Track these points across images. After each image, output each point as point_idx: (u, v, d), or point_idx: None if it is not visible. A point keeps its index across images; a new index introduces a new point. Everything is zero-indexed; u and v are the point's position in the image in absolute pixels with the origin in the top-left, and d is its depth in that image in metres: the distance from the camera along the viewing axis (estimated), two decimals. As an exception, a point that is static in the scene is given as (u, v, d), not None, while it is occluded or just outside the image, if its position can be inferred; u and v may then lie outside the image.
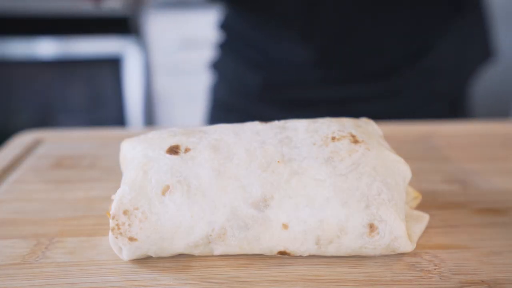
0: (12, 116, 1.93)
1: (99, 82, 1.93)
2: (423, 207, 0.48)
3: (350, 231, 0.39)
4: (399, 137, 0.68)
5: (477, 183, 0.55)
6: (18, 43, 1.84)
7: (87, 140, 0.69)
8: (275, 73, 0.88)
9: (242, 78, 0.91)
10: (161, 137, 0.45)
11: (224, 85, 0.96)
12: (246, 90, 0.91)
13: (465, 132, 0.71)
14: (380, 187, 0.40)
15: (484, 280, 0.38)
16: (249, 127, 0.46)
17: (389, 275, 0.39)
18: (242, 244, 0.40)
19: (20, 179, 0.57)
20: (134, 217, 0.39)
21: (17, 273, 0.39)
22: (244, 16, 0.90)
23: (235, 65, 0.93)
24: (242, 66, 0.91)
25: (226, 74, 0.95)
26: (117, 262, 0.41)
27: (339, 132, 0.43)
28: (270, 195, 0.39)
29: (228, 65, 0.94)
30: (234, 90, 0.94)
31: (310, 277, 0.39)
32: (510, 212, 0.49)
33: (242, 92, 0.92)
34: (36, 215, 0.49)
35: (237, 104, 0.92)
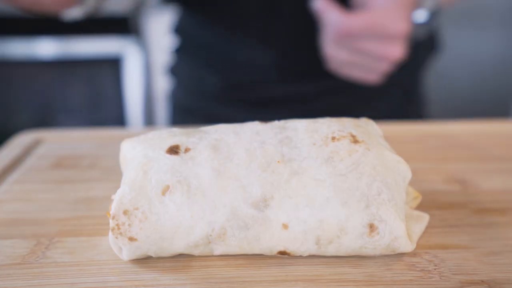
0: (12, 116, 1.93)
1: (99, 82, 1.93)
2: (423, 207, 0.48)
3: (350, 231, 0.39)
4: (399, 137, 0.68)
5: (477, 183, 0.55)
6: (18, 43, 1.84)
7: (87, 140, 0.69)
8: (231, 73, 0.89)
9: (199, 80, 0.92)
10: (161, 137, 0.45)
11: (181, 89, 0.98)
12: (203, 92, 0.92)
13: (465, 132, 0.71)
14: (380, 187, 0.40)
15: (484, 280, 0.38)
16: (249, 127, 0.46)
17: (389, 275, 0.39)
18: (242, 244, 0.40)
19: (20, 179, 0.57)
20: (134, 217, 0.39)
21: (17, 273, 0.39)
22: (199, 18, 0.91)
23: (190, 68, 0.94)
24: (198, 68, 0.92)
25: (183, 77, 0.97)
26: (117, 262, 0.41)
27: (339, 132, 0.43)
28: (270, 195, 0.39)
29: (184, 69, 0.96)
30: (191, 93, 0.95)
31: (310, 277, 0.39)
32: (510, 212, 0.49)
33: (199, 94, 0.93)
34: (36, 215, 0.49)
35: (196, 106, 0.94)
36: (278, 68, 0.86)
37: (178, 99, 0.99)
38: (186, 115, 0.97)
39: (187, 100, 0.97)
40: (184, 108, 0.97)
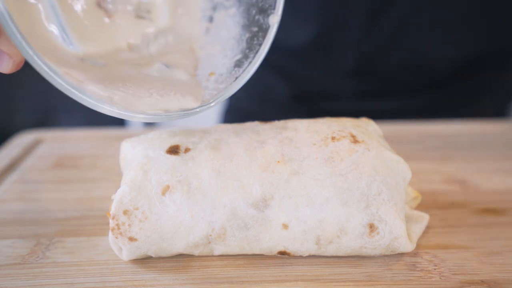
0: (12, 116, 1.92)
1: (99, 82, 1.92)
2: (423, 207, 0.48)
3: (350, 231, 0.39)
4: (399, 137, 0.68)
5: (477, 183, 0.55)
6: (18, 43, 1.83)
7: (87, 140, 0.69)
8: (303, 83, 0.84)
9: (266, 86, 0.87)
10: (161, 137, 0.45)
11: (244, 92, 0.93)
12: (269, 98, 0.87)
13: (465, 132, 0.71)
14: (380, 187, 0.40)
15: (484, 280, 0.38)
16: (249, 127, 0.46)
17: (389, 275, 0.39)
18: (242, 244, 0.40)
19: (20, 179, 0.57)
20: (134, 217, 0.39)
21: (17, 273, 0.39)
22: None
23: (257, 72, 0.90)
24: (268, 74, 0.86)
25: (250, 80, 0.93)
26: (117, 262, 0.41)
27: (339, 132, 0.43)
28: (270, 195, 0.39)
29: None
30: (254, 97, 0.89)
31: (310, 277, 0.39)
32: (510, 212, 0.49)
33: (264, 99, 0.88)
34: (36, 215, 0.49)
35: (255, 110, 0.88)
36: (358, 78, 0.81)
37: (237, 100, 0.93)
38: (242, 117, 0.92)
39: (248, 103, 0.90)
40: (242, 110, 0.92)
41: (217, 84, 0.43)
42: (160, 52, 0.42)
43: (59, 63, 0.35)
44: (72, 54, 0.38)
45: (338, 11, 0.75)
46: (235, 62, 0.43)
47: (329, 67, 0.81)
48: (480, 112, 0.83)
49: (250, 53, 0.42)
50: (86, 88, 0.37)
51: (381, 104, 0.82)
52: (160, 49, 0.42)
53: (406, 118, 0.78)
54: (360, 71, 0.79)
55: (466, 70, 0.80)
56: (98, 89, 0.37)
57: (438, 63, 0.78)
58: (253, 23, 0.42)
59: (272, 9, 0.41)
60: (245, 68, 0.42)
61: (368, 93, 0.82)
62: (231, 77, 0.42)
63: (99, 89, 0.38)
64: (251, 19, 0.42)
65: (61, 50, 0.37)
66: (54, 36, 0.37)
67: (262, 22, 0.41)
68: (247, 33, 0.42)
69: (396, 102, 0.82)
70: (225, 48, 0.43)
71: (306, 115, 0.64)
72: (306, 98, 0.85)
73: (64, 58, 0.37)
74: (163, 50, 0.42)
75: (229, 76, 0.42)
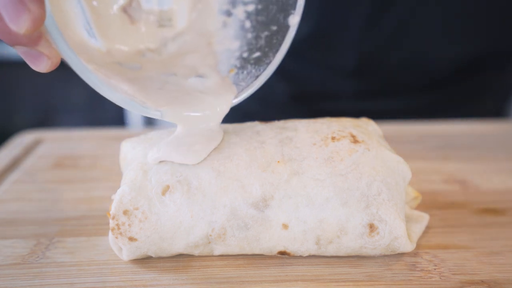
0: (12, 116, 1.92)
1: (99, 82, 1.92)
2: (423, 207, 0.48)
3: (350, 231, 0.39)
4: (399, 137, 0.68)
5: (477, 183, 0.55)
6: (18, 43, 1.83)
7: (87, 140, 0.69)
8: (305, 84, 0.84)
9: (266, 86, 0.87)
10: (161, 137, 0.45)
11: None
12: (268, 98, 0.86)
13: (465, 132, 0.71)
14: (380, 187, 0.40)
15: (484, 280, 0.38)
16: (249, 127, 0.46)
17: (389, 275, 0.39)
18: (242, 244, 0.40)
19: (20, 179, 0.57)
20: (134, 217, 0.39)
21: (17, 273, 0.39)
22: None
23: None
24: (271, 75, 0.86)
25: None
26: (117, 262, 0.41)
27: (339, 132, 0.43)
28: (270, 195, 0.39)
29: None
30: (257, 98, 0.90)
31: (310, 277, 0.39)
32: (510, 212, 0.49)
33: (263, 99, 0.87)
34: (36, 215, 0.49)
35: (255, 111, 0.86)
36: (358, 78, 0.81)
37: None
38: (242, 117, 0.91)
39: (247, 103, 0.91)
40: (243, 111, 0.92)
41: (236, 82, 0.43)
42: (178, 51, 0.42)
43: (92, 62, 0.37)
44: (98, 51, 0.39)
45: (338, 10, 0.75)
46: (254, 60, 0.42)
47: (329, 66, 0.80)
48: (480, 112, 0.82)
49: (269, 52, 0.42)
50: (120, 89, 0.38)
51: (381, 104, 0.81)
52: (178, 49, 0.42)
53: (406, 118, 0.77)
54: (360, 70, 0.79)
55: (466, 70, 0.79)
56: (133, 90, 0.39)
57: (438, 63, 0.78)
58: (273, 22, 0.41)
59: (292, 9, 0.40)
60: (265, 67, 0.42)
61: (368, 93, 0.82)
62: (250, 76, 0.42)
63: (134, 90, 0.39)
64: (270, 17, 0.42)
65: (89, 47, 0.38)
66: (83, 34, 0.38)
67: (281, 22, 0.41)
68: (266, 31, 0.42)
69: (396, 102, 0.82)
70: (244, 44, 0.43)
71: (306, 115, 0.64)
72: (306, 98, 0.85)
73: (94, 55, 0.38)
74: (181, 49, 0.42)
75: (249, 74, 0.42)
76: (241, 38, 0.43)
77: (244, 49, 0.43)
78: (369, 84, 0.81)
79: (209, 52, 0.43)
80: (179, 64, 0.42)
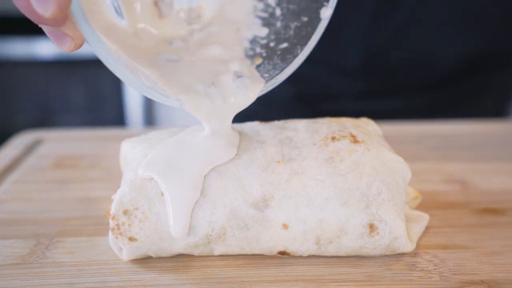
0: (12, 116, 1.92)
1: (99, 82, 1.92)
2: (423, 207, 0.48)
3: (350, 231, 0.39)
4: (399, 137, 0.68)
5: (477, 183, 0.55)
6: (18, 43, 1.83)
7: (87, 140, 0.69)
8: (308, 84, 0.83)
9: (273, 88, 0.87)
10: (161, 137, 0.45)
11: None
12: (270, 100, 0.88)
13: (465, 132, 0.71)
14: (380, 187, 0.40)
15: (484, 280, 0.38)
16: (249, 127, 0.46)
17: (389, 275, 0.39)
18: (242, 244, 0.40)
19: (20, 179, 0.57)
20: (134, 217, 0.39)
21: (17, 273, 0.39)
22: None
23: None
24: None
25: None
26: (117, 262, 0.41)
27: (339, 132, 0.43)
28: (270, 195, 0.39)
29: None
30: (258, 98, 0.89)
31: (310, 277, 0.39)
32: (510, 212, 0.49)
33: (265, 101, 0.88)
34: (36, 215, 0.49)
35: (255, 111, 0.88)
36: (361, 79, 0.81)
37: None
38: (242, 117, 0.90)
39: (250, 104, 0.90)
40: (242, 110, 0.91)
41: (261, 73, 0.42)
42: (205, 39, 0.41)
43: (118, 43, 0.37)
44: (125, 32, 0.39)
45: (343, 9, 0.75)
46: (281, 51, 0.41)
47: (333, 66, 0.80)
48: (480, 112, 0.82)
49: (297, 44, 0.40)
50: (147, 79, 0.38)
51: (383, 104, 0.81)
52: (205, 37, 0.41)
53: (407, 118, 0.77)
54: (364, 70, 0.79)
55: (468, 70, 0.79)
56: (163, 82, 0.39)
57: (441, 62, 0.78)
58: (304, 12, 0.40)
59: (325, 1, 0.39)
60: (291, 60, 0.41)
61: (371, 93, 0.82)
62: (276, 68, 0.41)
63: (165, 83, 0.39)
64: (302, 7, 0.40)
65: (115, 26, 0.38)
66: (111, 12, 0.38)
67: (313, 13, 0.40)
68: (296, 21, 0.41)
69: (398, 102, 0.82)
70: (272, 33, 0.42)
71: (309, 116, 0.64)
72: (309, 99, 0.84)
73: (121, 37, 0.38)
74: (208, 37, 0.41)
75: (274, 67, 0.41)
76: (270, 26, 0.42)
77: (271, 38, 0.42)
78: (372, 83, 0.81)
79: (237, 40, 0.42)
80: (206, 52, 0.41)
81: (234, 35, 0.41)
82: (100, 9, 0.37)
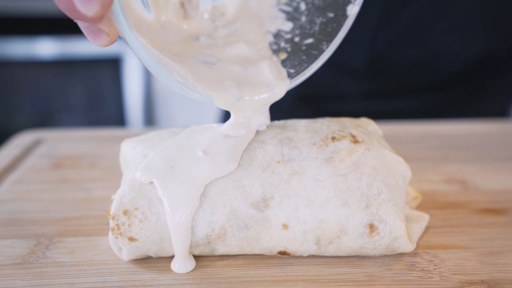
0: (12, 116, 1.92)
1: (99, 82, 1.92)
2: (423, 207, 0.48)
3: (350, 231, 0.39)
4: (399, 137, 0.68)
5: (477, 183, 0.55)
6: (18, 43, 1.83)
7: (87, 140, 0.69)
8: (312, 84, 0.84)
9: None
10: (161, 137, 0.45)
11: None
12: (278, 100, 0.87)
13: (465, 132, 0.71)
14: (380, 187, 0.40)
15: (484, 280, 0.38)
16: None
17: (389, 275, 0.39)
18: (242, 244, 0.40)
19: (20, 179, 0.57)
20: (134, 217, 0.39)
21: (17, 273, 0.39)
22: None
23: None
24: None
25: None
26: (117, 262, 0.41)
27: (339, 132, 0.43)
28: (270, 195, 0.39)
29: None
30: None
31: (310, 277, 0.39)
32: (510, 212, 0.49)
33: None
34: (36, 215, 0.49)
35: None
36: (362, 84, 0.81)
37: None
38: None
39: None
40: None
41: (287, 67, 0.41)
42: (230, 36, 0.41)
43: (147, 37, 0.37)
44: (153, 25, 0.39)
45: None
46: (306, 47, 0.41)
47: (338, 66, 0.80)
48: (483, 112, 0.82)
49: (323, 40, 0.40)
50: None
51: (387, 105, 0.81)
52: (230, 34, 0.41)
53: (411, 119, 0.77)
54: (368, 71, 0.79)
55: (473, 71, 0.79)
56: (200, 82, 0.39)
57: (448, 63, 0.78)
58: (330, 8, 0.40)
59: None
60: (317, 56, 0.40)
61: (375, 94, 0.82)
62: (302, 63, 0.41)
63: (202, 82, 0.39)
64: (328, 3, 0.40)
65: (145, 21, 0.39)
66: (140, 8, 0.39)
67: (339, 10, 0.39)
68: (321, 17, 0.40)
69: (403, 102, 0.82)
70: (296, 28, 0.41)
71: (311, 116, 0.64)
72: (313, 99, 0.84)
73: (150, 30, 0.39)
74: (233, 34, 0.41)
75: (300, 62, 0.41)
76: (294, 20, 0.41)
77: (296, 32, 0.41)
78: (376, 84, 0.81)
79: (262, 36, 0.41)
80: (234, 52, 0.41)
81: (259, 29, 0.41)
82: (130, 3, 0.38)
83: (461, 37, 0.76)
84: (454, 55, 0.77)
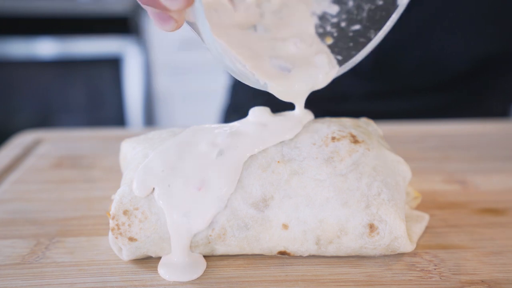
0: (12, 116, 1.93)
1: (99, 82, 1.93)
2: (423, 207, 0.48)
3: (350, 231, 0.39)
4: (399, 137, 0.68)
5: (477, 183, 0.55)
6: (18, 43, 1.84)
7: (87, 140, 0.69)
8: None
9: None
10: (161, 137, 0.45)
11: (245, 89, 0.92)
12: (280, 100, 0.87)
13: (465, 132, 0.71)
14: (380, 187, 0.40)
15: (484, 280, 0.38)
16: (249, 127, 0.45)
17: (389, 275, 0.39)
18: (242, 244, 0.40)
19: (20, 179, 0.57)
20: (134, 217, 0.39)
21: (17, 273, 0.39)
22: None
23: None
24: None
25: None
26: (117, 262, 0.41)
27: (339, 132, 0.43)
28: (270, 195, 0.39)
29: None
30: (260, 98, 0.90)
31: (310, 277, 0.39)
32: (510, 212, 0.49)
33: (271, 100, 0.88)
34: (36, 215, 0.49)
35: None
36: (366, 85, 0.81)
37: (239, 98, 0.90)
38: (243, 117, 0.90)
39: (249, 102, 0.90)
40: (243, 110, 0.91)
41: (334, 54, 0.41)
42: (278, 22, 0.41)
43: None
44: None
45: None
46: (353, 33, 0.41)
47: None
48: (486, 113, 0.83)
49: (370, 28, 0.40)
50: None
51: (391, 105, 0.81)
52: (277, 20, 0.41)
53: (414, 119, 0.78)
54: (373, 71, 0.79)
55: (477, 71, 0.80)
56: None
57: (453, 63, 0.78)
58: None
59: None
60: (365, 44, 0.40)
61: (380, 94, 0.82)
62: (349, 50, 0.40)
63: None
64: None
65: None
66: None
67: None
68: (369, 3, 0.40)
69: (406, 103, 0.82)
70: (343, 12, 0.41)
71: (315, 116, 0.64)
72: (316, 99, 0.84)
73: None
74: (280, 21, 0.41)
75: (348, 48, 0.41)
76: (341, 4, 0.41)
77: (342, 17, 0.41)
78: (381, 85, 0.81)
79: (309, 21, 0.41)
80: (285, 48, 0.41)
81: (305, 13, 0.41)
82: None
83: (465, 37, 0.76)
84: (458, 56, 0.77)
